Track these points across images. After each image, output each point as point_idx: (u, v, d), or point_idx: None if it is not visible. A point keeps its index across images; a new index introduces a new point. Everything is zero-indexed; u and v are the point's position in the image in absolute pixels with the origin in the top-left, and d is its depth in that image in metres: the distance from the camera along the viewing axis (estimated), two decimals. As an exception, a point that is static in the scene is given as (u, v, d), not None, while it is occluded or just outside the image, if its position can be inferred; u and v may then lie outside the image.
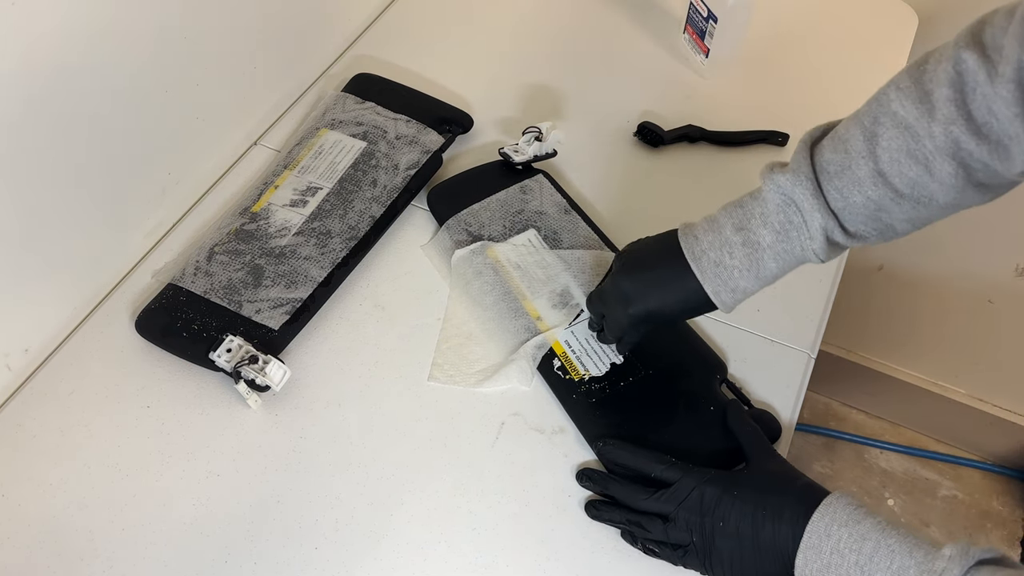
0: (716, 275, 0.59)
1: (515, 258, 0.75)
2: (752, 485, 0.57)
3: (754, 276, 0.58)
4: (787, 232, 0.56)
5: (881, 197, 0.53)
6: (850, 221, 0.55)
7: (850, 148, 0.53)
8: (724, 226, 0.59)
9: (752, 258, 0.57)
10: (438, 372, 0.70)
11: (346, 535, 0.61)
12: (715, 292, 0.59)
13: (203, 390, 0.68)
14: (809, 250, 0.56)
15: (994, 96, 0.46)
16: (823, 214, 0.54)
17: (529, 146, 0.81)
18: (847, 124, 0.55)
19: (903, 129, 0.51)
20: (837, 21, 1.03)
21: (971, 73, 0.47)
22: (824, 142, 0.56)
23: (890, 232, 0.56)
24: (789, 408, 0.69)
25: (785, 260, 0.57)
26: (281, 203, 0.77)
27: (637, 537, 0.60)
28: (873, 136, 0.52)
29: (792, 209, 0.56)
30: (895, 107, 0.51)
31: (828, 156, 0.55)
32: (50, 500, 0.62)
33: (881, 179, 0.52)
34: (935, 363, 1.47)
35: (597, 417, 0.66)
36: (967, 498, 1.53)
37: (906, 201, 0.52)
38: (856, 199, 0.53)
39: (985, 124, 0.47)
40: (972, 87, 0.47)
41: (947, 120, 0.48)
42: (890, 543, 0.50)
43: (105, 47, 0.66)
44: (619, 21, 1.02)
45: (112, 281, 0.75)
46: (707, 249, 0.59)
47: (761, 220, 0.57)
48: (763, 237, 0.57)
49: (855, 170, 0.53)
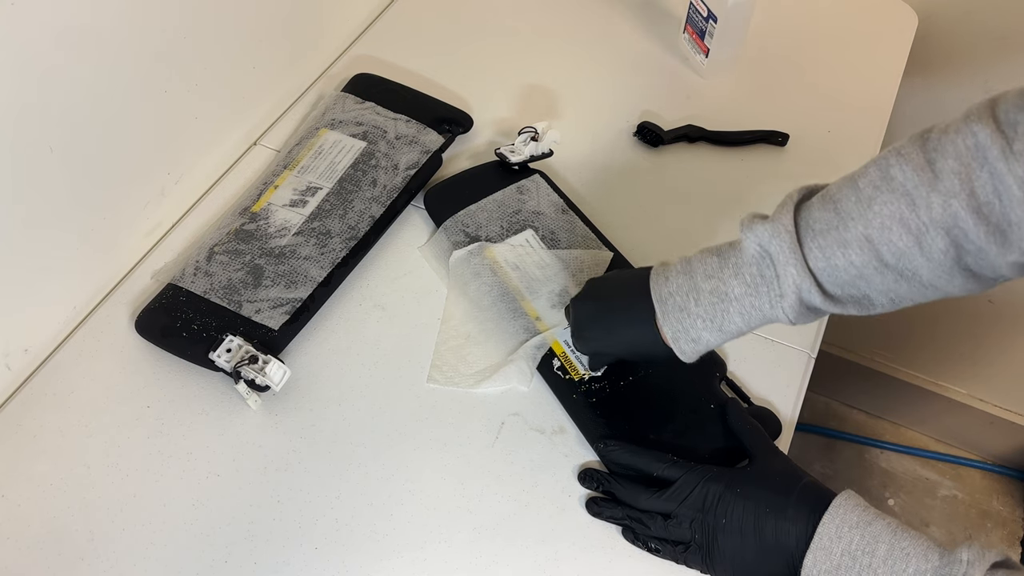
0: (678, 321, 0.57)
1: (513, 258, 0.75)
2: (755, 483, 0.57)
3: (717, 328, 0.56)
4: (757, 287, 0.53)
5: (865, 264, 0.50)
6: (829, 284, 0.52)
7: (840, 208, 0.51)
8: (696, 272, 0.56)
9: (717, 308, 0.55)
10: (437, 374, 0.70)
11: (346, 535, 0.61)
12: (675, 338, 0.57)
13: (203, 390, 0.68)
14: (779, 308, 0.53)
15: (1006, 173, 0.44)
16: (798, 270, 0.51)
17: (525, 146, 0.81)
18: (840, 184, 0.52)
19: (900, 195, 0.48)
20: (837, 21, 1.03)
21: (982, 148, 0.45)
22: (814, 200, 0.53)
23: (867, 303, 0.53)
24: (789, 408, 0.69)
25: (752, 316, 0.54)
26: (281, 203, 0.77)
27: (638, 535, 0.60)
28: (867, 199, 0.50)
29: (767, 263, 0.53)
30: (895, 172, 0.49)
31: (816, 214, 0.52)
32: (50, 500, 0.62)
33: (868, 244, 0.50)
34: (935, 363, 1.47)
35: (597, 416, 0.66)
36: (967, 498, 1.53)
37: (890, 272, 0.50)
38: (839, 262, 0.51)
39: (987, 204, 0.45)
40: (981, 163, 0.45)
41: (948, 193, 0.46)
42: (904, 546, 0.50)
43: (105, 47, 0.66)
44: (619, 21, 1.02)
45: (112, 281, 0.75)
46: (674, 292, 0.57)
47: (734, 270, 0.54)
48: (733, 288, 0.54)
49: (842, 231, 0.50)
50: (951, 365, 1.46)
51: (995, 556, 0.47)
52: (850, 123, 0.91)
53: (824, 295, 0.52)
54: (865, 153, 0.88)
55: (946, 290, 0.50)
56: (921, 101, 1.13)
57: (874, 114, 0.93)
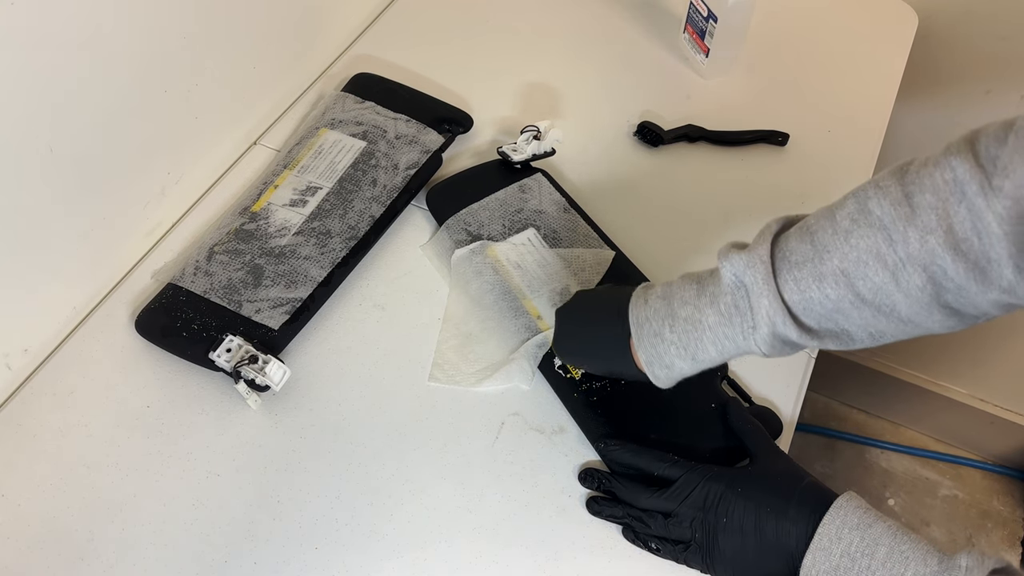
0: (652, 346, 0.56)
1: (515, 257, 0.75)
2: (756, 482, 0.57)
3: (690, 357, 0.55)
4: (731, 317, 0.52)
5: (841, 298, 0.49)
6: (805, 317, 0.51)
7: (817, 240, 0.49)
8: (674, 298, 0.56)
9: (691, 336, 0.54)
10: (438, 372, 0.70)
11: (346, 535, 0.61)
12: (648, 363, 0.57)
13: (203, 390, 0.68)
14: (751, 339, 0.52)
15: (985, 209, 0.43)
16: (770, 302, 0.50)
17: (527, 145, 0.81)
18: (818, 215, 0.51)
19: (877, 229, 0.47)
20: (837, 21, 1.03)
21: (960, 183, 0.44)
22: (792, 231, 0.52)
23: (846, 338, 0.51)
24: (790, 407, 0.69)
25: (725, 346, 0.53)
26: (281, 203, 0.77)
27: (638, 534, 0.60)
28: (844, 231, 0.48)
29: (741, 293, 0.52)
30: (872, 205, 0.47)
31: (793, 245, 0.51)
32: (50, 500, 0.62)
33: (844, 278, 0.48)
34: (935, 363, 1.47)
35: (598, 415, 0.66)
36: (967, 498, 1.53)
37: (867, 307, 0.49)
38: (814, 295, 0.49)
39: (965, 240, 0.44)
40: (959, 198, 0.44)
41: (925, 228, 0.45)
42: (903, 549, 0.50)
43: (105, 47, 0.66)
44: (619, 21, 1.02)
45: (112, 281, 0.75)
46: (651, 317, 0.56)
47: (710, 299, 0.54)
48: (707, 317, 0.53)
49: (818, 264, 0.49)
50: (951, 365, 1.46)
51: (994, 563, 0.47)
52: (850, 123, 0.91)
53: (800, 328, 0.51)
54: (865, 153, 0.88)
55: (926, 326, 0.49)
56: (921, 101, 1.13)
57: (874, 114, 0.93)
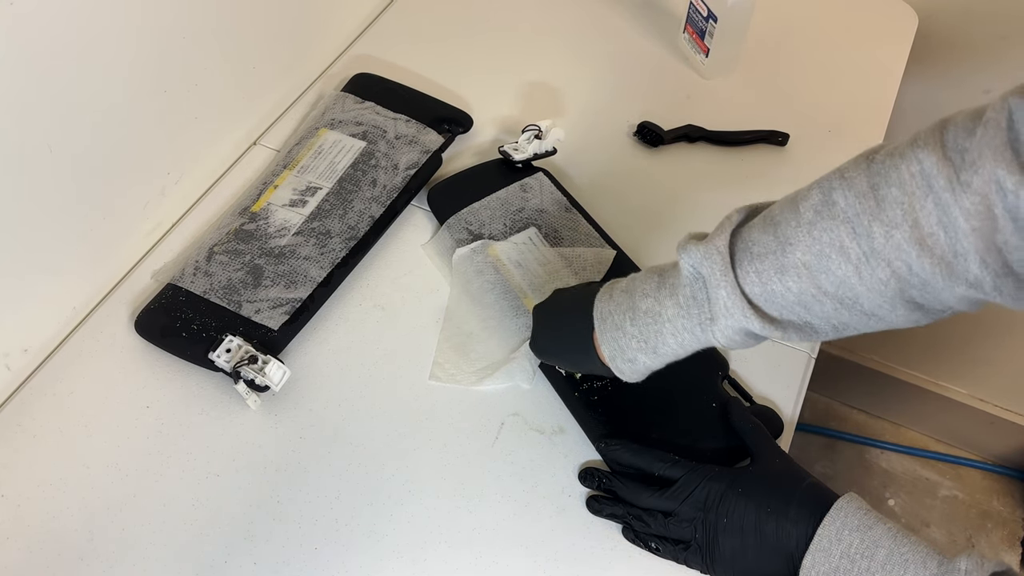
0: (614, 339, 0.56)
1: (516, 256, 0.75)
2: (757, 482, 0.57)
3: (651, 350, 0.54)
4: (689, 308, 0.52)
5: (803, 291, 0.48)
6: (768, 308, 0.50)
7: (780, 232, 0.48)
8: (636, 291, 0.55)
9: (651, 329, 0.54)
10: (439, 371, 0.70)
11: (346, 535, 0.61)
12: (611, 358, 0.57)
13: (203, 390, 0.68)
14: (709, 331, 0.52)
15: (952, 205, 0.41)
16: (729, 293, 0.49)
17: (529, 144, 0.81)
18: (782, 205, 0.50)
19: (841, 222, 0.46)
20: (837, 21, 1.03)
21: (927, 177, 0.42)
22: (755, 221, 0.51)
23: (809, 330, 0.51)
24: (790, 408, 0.69)
25: (684, 339, 0.53)
26: (281, 203, 0.77)
27: (638, 533, 0.60)
28: (807, 223, 0.47)
29: (699, 284, 0.51)
30: (837, 196, 0.46)
31: (756, 235, 0.50)
32: (50, 500, 0.62)
33: (807, 271, 0.47)
34: (935, 363, 1.47)
35: (599, 415, 0.66)
36: (967, 498, 1.53)
37: (829, 300, 0.48)
38: (776, 287, 0.49)
39: (931, 235, 0.42)
40: (926, 192, 0.42)
41: (890, 223, 0.44)
42: (903, 551, 0.50)
43: (105, 47, 0.65)
44: (619, 21, 1.02)
45: (112, 281, 0.75)
46: (613, 311, 0.56)
47: (670, 291, 0.53)
48: (667, 309, 0.53)
49: (780, 256, 0.48)
50: (951, 365, 1.46)
51: (994, 566, 0.47)
52: (850, 123, 0.91)
53: (762, 319, 0.50)
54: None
55: (889, 320, 0.48)
56: (921, 101, 1.13)
57: (874, 114, 0.93)
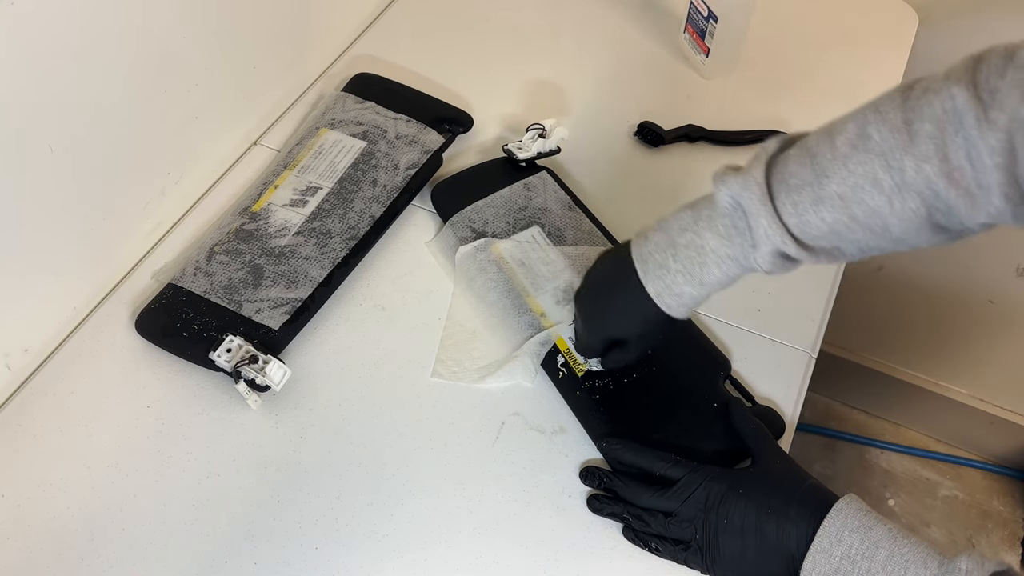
0: (659, 278, 0.57)
1: (519, 255, 0.75)
2: (758, 483, 0.57)
3: (697, 282, 0.56)
4: (731, 237, 0.54)
5: (836, 221, 0.50)
6: (802, 236, 0.52)
7: (817, 164, 0.50)
8: (672, 228, 0.57)
9: (695, 262, 0.56)
10: (442, 368, 0.70)
11: (346, 535, 0.61)
12: (658, 295, 0.58)
13: (203, 390, 0.68)
14: (752, 258, 0.54)
15: (979, 140, 0.43)
16: (769, 221, 0.51)
17: (533, 143, 0.81)
18: (819, 137, 0.52)
19: (875, 155, 0.48)
20: (837, 21, 1.03)
21: (959, 113, 0.44)
22: (792, 152, 0.53)
23: (837, 253, 0.53)
24: (790, 408, 0.69)
25: (729, 267, 0.55)
26: (281, 203, 0.77)
27: (638, 533, 0.60)
28: (843, 156, 0.49)
29: (739, 214, 0.53)
30: (871, 131, 0.48)
31: (793, 167, 0.52)
32: (50, 500, 0.62)
33: (841, 203, 0.49)
34: (935, 363, 1.47)
35: (601, 414, 0.66)
36: (967, 498, 1.53)
37: (859, 228, 0.50)
38: (811, 218, 0.51)
39: (959, 168, 0.45)
40: (956, 128, 0.44)
41: (922, 157, 0.46)
42: (903, 552, 0.50)
43: (105, 47, 0.65)
44: (619, 21, 1.02)
45: (112, 281, 0.75)
46: (653, 251, 0.58)
47: (708, 223, 0.55)
48: (708, 240, 0.55)
49: (817, 189, 0.50)
50: (951, 365, 1.46)
51: (994, 566, 0.47)
52: (850, 123, 0.91)
53: (798, 245, 0.52)
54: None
55: (914, 243, 0.51)
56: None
57: (874, 114, 0.93)
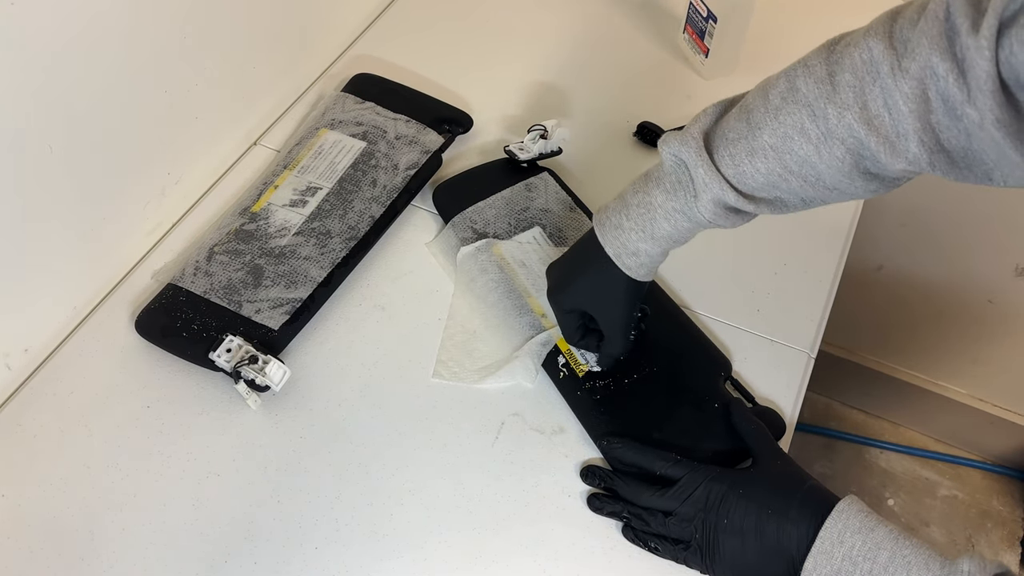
0: (615, 238, 0.60)
1: (520, 255, 0.75)
2: (758, 484, 0.57)
3: (649, 236, 0.59)
4: (675, 191, 0.57)
5: (771, 171, 0.53)
6: (742, 186, 0.55)
7: (752, 118, 0.53)
8: (627, 192, 0.61)
9: (645, 218, 0.59)
10: (442, 369, 0.70)
11: (346, 535, 0.61)
12: (616, 255, 0.61)
13: (203, 390, 0.68)
14: (694, 208, 0.56)
15: (894, 89, 0.46)
16: (706, 170, 0.54)
17: (534, 144, 0.81)
18: (755, 93, 0.55)
19: (803, 107, 0.51)
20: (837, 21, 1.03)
21: (876, 63, 0.47)
22: (733, 110, 0.56)
23: (780, 204, 0.56)
24: (789, 408, 0.69)
25: (677, 220, 0.58)
26: (281, 203, 0.77)
27: (638, 532, 0.60)
28: (774, 109, 0.52)
29: (682, 169, 0.56)
30: (799, 83, 0.51)
31: (731, 123, 0.55)
32: (50, 500, 0.62)
33: (774, 153, 0.52)
34: (934, 363, 1.47)
35: (601, 414, 0.66)
36: (967, 498, 1.53)
37: (794, 177, 0.53)
38: (747, 168, 0.54)
39: (877, 116, 0.47)
40: (873, 77, 0.47)
41: (843, 105, 0.49)
42: (905, 554, 0.50)
43: (105, 47, 0.66)
44: (619, 21, 1.02)
45: (112, 281, 0.75)
46: (610, 215, 0.61)
47: (656, 182, 0.58)
48: (655, 197, 0.58)
49: (751, 140, 0.53)
50: (951, 365, 1.45)
51: (996, 568, 0.47)
52: (850, 123, 0.91)
53: (738, 194, 0.55)
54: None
55: (851, 191, 0.53)
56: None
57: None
